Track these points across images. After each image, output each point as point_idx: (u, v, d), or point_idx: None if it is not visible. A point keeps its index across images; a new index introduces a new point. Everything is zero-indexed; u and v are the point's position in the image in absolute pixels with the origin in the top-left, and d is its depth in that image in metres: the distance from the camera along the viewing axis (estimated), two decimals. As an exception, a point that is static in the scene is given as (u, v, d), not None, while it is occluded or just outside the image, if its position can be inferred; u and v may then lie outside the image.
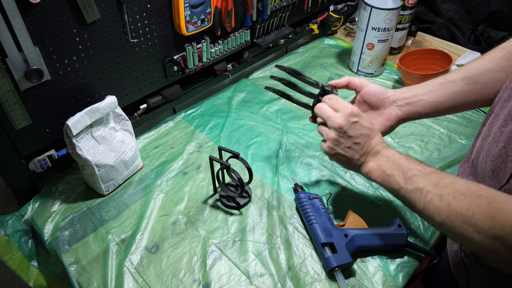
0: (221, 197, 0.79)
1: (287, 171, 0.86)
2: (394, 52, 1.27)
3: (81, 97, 0.81)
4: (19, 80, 0.69)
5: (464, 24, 1.28)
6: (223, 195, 0.79)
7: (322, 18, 1.30)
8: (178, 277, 0.67)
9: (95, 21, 0.75)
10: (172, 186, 0.82)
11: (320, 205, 0.73)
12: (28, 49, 0.67)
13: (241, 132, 0.96)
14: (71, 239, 0.73)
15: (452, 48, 1.27)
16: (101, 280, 0.66)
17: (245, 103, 1.05)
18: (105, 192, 0.80)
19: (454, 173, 0.86)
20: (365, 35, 1.10)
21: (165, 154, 0.90)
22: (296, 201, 0.77)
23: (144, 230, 0.74)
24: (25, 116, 0.73)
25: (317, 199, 0.74)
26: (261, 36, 1.12)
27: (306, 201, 0.74)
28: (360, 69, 1.17)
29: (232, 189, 0.79)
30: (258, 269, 0.68)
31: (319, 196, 0.75)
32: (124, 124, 0.81)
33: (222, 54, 1.01)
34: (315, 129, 0.97)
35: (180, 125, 0.98)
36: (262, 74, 1.17)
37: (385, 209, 0.78)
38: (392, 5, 1.04)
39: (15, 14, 0.63)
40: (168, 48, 0.91)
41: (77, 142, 0.72)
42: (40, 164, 0.80)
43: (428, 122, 1.00)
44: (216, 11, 0.91)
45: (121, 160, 0.79)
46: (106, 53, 0.80)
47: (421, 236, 0.74)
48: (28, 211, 0.78)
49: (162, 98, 0.96)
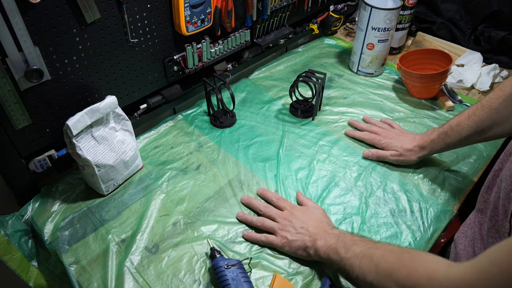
0: (211, 118, 0.97)
1: (287, 171, 0.86)
2: (394, 52, 1.27)
3: (81, 97, 0.81)
4: (19, 80, 0.68)
5: (464, 24, 1.28)
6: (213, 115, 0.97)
7: (322, 18, 1.30)
8: (178, 277, 0.67)
9: (95, 21, 0.75)
10: (173, 186, 0.82)
11: (240, 272, 0.63)
12: (28, 49, 0.67)
13: (241, 132, 0.96)
14: (71, 239, 0.73)
15: (452, 48, 1.27)
16: (101, 280, 0.66)
17: (245, 103, 1.05)
18: (105, 192, 0.80)
19: (455, 173, 0.86)
20: (365, 35, 1.10)
21: (165, 154, 0.90)
22: (212, 270, 0.66)
23: (144, 230, 0.74)
24: (25, 116, 0.73)
25: (235, 266, 0.64)
26: (261, 36, 1.12)
27: (223, 270, 0.63)
28: (360, 69, 1.17)
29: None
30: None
31: (238, 262, 0.65)
32: (124, 124, 0.81)
33: (222, 54, 1.01)
34: (315, 129, 0.97)
35: (180, 125, 0.98)
36: (262, 74, 1.17)
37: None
38: (392, 5, 1.04)
39: (15, 14, 0.62)
40: (168, 48, 0.91)
41: (77, 142, 0.72)
42: (40, 164, 0.80)
43: (428, 122, 1.00)
44: (216, 11, 0.91)
45: (121, 160, 0.79)
46: (106, 53, 0.80)
47: (421, 237, 0.74)
48: (28, 211, 0.78)
49: (162, 98, 0.96)
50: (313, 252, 0.66)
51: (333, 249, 0.62)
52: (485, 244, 0.65)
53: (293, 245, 0.68)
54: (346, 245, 0.61)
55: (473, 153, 0.91)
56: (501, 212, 0.59)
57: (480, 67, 1.15)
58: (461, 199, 0.81)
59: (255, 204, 0.77)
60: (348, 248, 0.60)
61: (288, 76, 1.16)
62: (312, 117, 1.00)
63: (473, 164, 0.88)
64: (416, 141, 0.84)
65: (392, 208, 0.79)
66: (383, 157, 0.87)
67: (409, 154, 0.84)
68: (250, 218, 0.75)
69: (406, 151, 0.84)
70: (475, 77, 1.12)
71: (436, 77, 1.01)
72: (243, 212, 0.76)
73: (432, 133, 0.82)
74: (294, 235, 0.68)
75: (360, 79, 1.16)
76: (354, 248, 0.59)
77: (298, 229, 0.69)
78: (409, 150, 0.84)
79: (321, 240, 0.65)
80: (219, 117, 0.98)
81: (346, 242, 0.62)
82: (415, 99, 1.08)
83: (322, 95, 1.01)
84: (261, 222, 0.73)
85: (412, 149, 0.84)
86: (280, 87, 1.11)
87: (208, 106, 0.99)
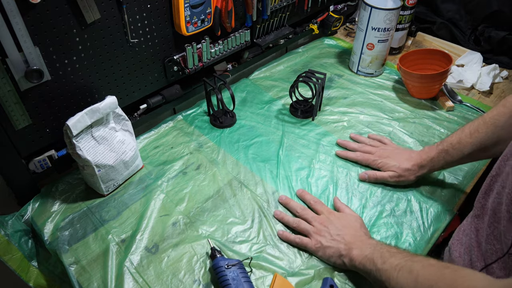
0: (211, 118, 0.97)
1: (287, 171, 0.86)
2: (394, 52, 1.27)
3: (81, 97, 0.81)
4: (19, 80, 0.68)
5: (464, 24, 1.28)
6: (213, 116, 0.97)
7: (322, 18, 1.30)
8: (178, 277, 0.67)
9: (95, 21, 0.75)
10: (173, 186, 0.82)
11: (240, 272, 0.64)
12: (28, 49, 0.67)
13: (241, 132, 0.96)
14: (71, 239, 0.73)
15: (452, 48, 1.27)
16: (101, 280, 0.66)
17: (245, 103, 1.05)
18: (105, 192, 0.80)
19: (455, 173, 0.86)
20: (365, 35, 1.10)
21: (165, 154, 0.90)
22: (213, 270, 0.66)
23: (144, 230, 0.74)
24: (25, 116, 0.73)
25: (236, 266, 0.64)
26: (261, 36, 1.12)
27: (223, 270, 0.64)
28: (360, 69, 1.17)
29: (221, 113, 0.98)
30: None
31: (239, 262, 0.65)
32: (124, 124, 0.81)
33: (222, 54, 1.01)
34: (315, 130, 0.97)
35: (180, 125, 0.98)
36: (262, 74, 1.17)
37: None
38: (392, 5, 1.04)
39: (15, 14, 0.63)
40: (168, 48, 0.91)
41: (77, 142, 0.72)
42: (40, 164, 0.80)
43: (428, 122, 1.00)
44: (216, 11, 0.91)
45: (121, 160, 0.79)
46: (106, 53, 0.80)
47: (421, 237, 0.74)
48: (28, 211, 0.78)
49: (162, 98, 0.96)
50: (348, 261, 0.65)
51: (369, 259, 0.61)
52: (483, 252, 0.64)
53: (327, 251, 0.67)
54: (383, 256, 0.60)
55: (473, 153, 0.91)
56: (505, 219, 0.59)
57: (480, 67, 1.15)
58: (461, 199, 0.81)
59: (293, 205, 0.77)
60: (385, 259, 0.59)
61: (288, 76, 1.16)
62: (312, 117, 1.01)
63: (473, 165, 0.88)
64: (414, 160, 0.80)
65: (392, 208, 0.79)
66: (381, 179, 0.83)
67: (407, 174, 0.80)
68: (286, 218, 0.74)
69: (405, 171, 0.80)
70: (475, 77, 1.12)
71: (436, 77, 1.01)
72: (280, 211, 0.76)
73: (430, 151, 0.79)
74: (329, 241, 0.68)
75: (360, 79, 1.16)
76: (392, 259, 0.58)
77: (333, 235, 0.68)
78: (407, 169, 0.80)
79: (357, 249, 0.64)
80: (219, 117, 0.98)
81: (383, 253, 0.61)
82: (415, 99, 1.08)
83: (322, 95, 1.01)
84: (297, 223, 0.73)
85: (410, 169, 0.80)
86: (280, 87, 1.11)
87: (208, 106, 0.99)
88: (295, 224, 0.73)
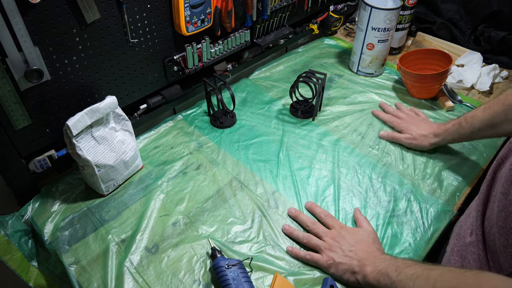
0: (211, 118, 0.98)
1: (287, 171, 0.86)
2: (394, 52, 1.27)
3: (81, 97, 0.81)
4: (19, 80, 0.68)
5: (464, 24, 1.28)
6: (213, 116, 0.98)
7: (322, 18, 1.30)
8: (178, 277, 0.67)
9: (95, 21, 0.75)
10: (173, 186, 0.82)
11: (240, 272, 0.64)
12: (28, 49, 0.67)
13: (241, 132, 0.96)
14: (71, 239, 0.73)
15: (452, 48, 1.27)
16: (101, 280, 0.66)
17: (245, 103, 1.05)
18: (105, 192, 0.80)
19: (455, 173, 0.86)
20: (365, 35, 1.10)
21: (165, 154, 0.90)
22: (213, 269, 0.66)
23: (144, 230, 0.74)
24: (25, 116, 0.73)
25: (236, 266, 0.64)
26: (261, 36, 1.12)
27: (223, 270, 0.64)
28: (360, 69, 1.17)
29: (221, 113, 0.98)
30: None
31: (239, 262, 0.65)
32: (124, 124, 0.81)
33: (222, 54, 1.01)
34: (315, 130, 0.97)
35: (180, 125, 0.98)
36: (262, 74, 1.17)
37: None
38: (392, 5, 1.04)
39: (15, 14, 0.63)
40: (168, 48, 0.91)
41: (77, 142, 0.72)
42: (40, 164, 0.80)
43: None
44: (216, 11, 0.91)
45: (121, 160, 0.79)
46: (106, 53, 0.80)
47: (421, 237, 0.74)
48: (28, 211, 0.78)
49: (162, 98, 0.96)
50: (361, 277, 0.63)
51: (383, 274, 0.60)
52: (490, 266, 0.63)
53: (339, 268, 0.65)
54: (398, 268, 0.58)
55: (473, 153, 0.91)
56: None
57: (480, 67, 1.15)
58: (461, 199, 0.81)
59: (303, 218, 0.74)
60: (400, 271, 0.57)
61: (288, 76, 1.16)
62: (313, 117, 1.01)
63: (473, 164, 0.88)
64: (432, 128, 0.88)
65: (392, 208, 0.79)
66: (397, 139, 0.91)
67: (422, 139, 0.88)
68: (296, 233, 0.72)
69: (420, 136, 0.88)
70: (475, 77, 1.12)
71: (436, 77, 1.01)
72: (289, 225, 0.74)
73: (448, 123, 0.85)
74: (342, 257, 0.66)
75: (360, 79, 1.16)
76: (407, 270, 0.57)
77: (346, 251, 0.66)
78: (423, 135, 0.88)
79: (370, 265, 0.63)
80: (219, 117, 0.98)
81: (398, 265, 0.59)
82: (415, 99, 1.08)
83: (322, 95, 1.01)
84: (307, 239, 0.70)
85: (426, 135, 0.87)
86: (280, 87, 1.12)
87: (208, 106, 0.99)
88: (305, 239, 0.71)
